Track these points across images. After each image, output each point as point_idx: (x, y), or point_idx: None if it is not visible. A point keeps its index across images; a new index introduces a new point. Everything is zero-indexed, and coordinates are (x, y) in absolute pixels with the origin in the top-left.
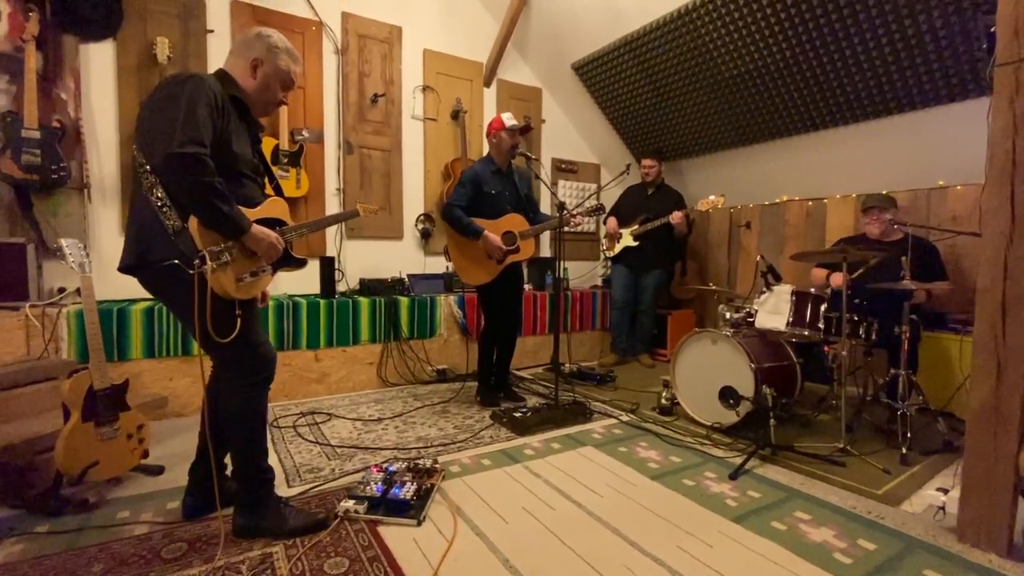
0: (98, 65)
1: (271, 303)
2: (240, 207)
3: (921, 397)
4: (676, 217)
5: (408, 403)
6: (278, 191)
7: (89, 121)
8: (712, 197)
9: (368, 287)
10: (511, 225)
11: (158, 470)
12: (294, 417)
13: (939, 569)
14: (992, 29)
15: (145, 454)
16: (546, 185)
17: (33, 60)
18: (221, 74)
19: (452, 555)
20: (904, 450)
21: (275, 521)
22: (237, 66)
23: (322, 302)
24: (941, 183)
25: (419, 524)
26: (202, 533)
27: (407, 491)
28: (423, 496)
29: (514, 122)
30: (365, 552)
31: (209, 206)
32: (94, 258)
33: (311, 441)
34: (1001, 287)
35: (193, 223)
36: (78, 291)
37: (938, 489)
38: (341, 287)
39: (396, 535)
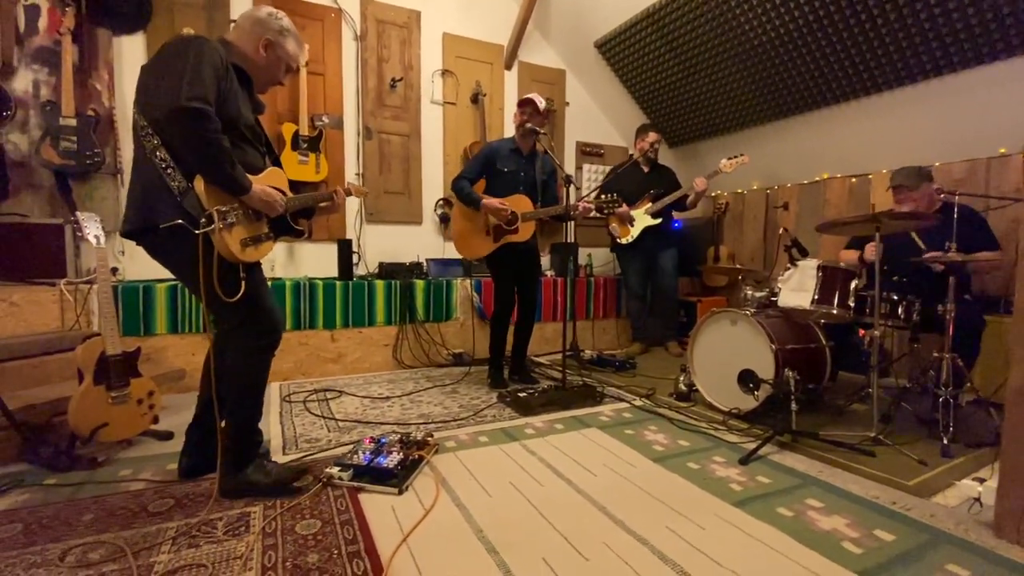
0: (130, 56)
1: (288, 283)
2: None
3: (969, 384)
4: (701, 183)
5: (419, 383)
6: (276, 164)
7: (122, 110)
8: (732, 159)
9: (386, 271)
10: (515, 205)
11: (167, 435)
12: (306, 393)
13: (966, 564)
14: None
15: (155, 419)
16: (554, 161)
17: (70, 53)
18: (224, 43)
19: (426, 524)
20: (945, 440)
21: (258, 475)
22: (243, 40)
23: (338, 284)
24: (1003, 151)
25: (400, 493)
26: (192, 491)
27: (391, 460)
28: (409, 467)
29: (524, 97)
30: (340, 516)
31: (214, 161)
32: (125, 240)
33: (316, 415)
34: None
35: (199, 184)
36: (113, 270)
37: (974, 479)
38: (360, 271)
39: (375, 502)
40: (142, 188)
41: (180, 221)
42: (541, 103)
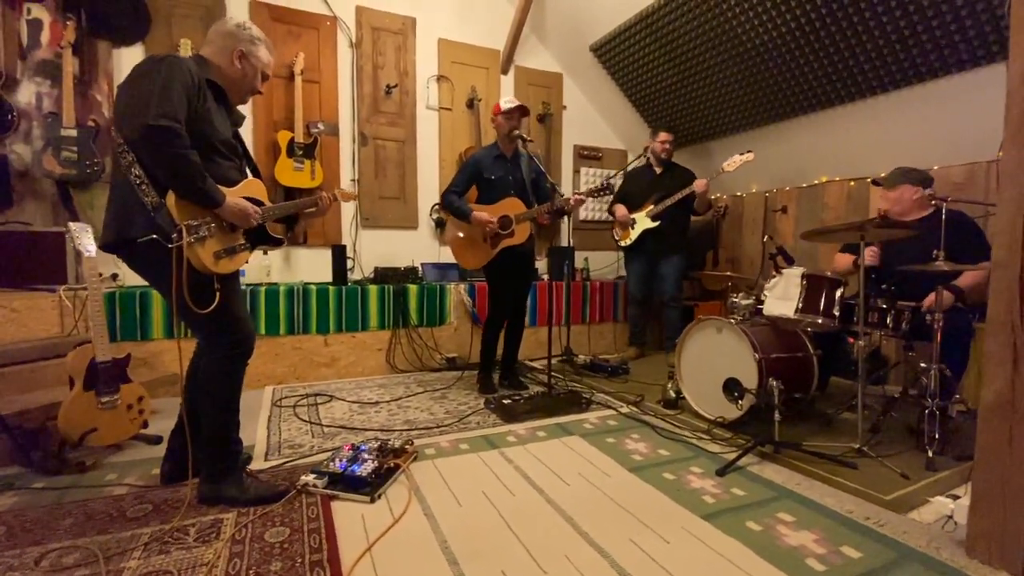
0: (129, 67)
1: (282, 288)
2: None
3: (958, 396)
4: (700, 185)
5: (410, 388)
6: (256, 174)
7: None
8: (736, 156)
9: (381, 275)
10: (508, 209)
11: (156, 439)
12: (297, 398)
13: None
14: None
15: (144, 424)
16: (539, 165)
17: (70, 65)
18: (199, 59)
19: (393, 533)
20: (930, 453)
21: (236, 490)
22: (217, 54)
23: (331, 288)
24: (1002, 154)
25: (372, 501)
26: (170, 497)
27: (365, 469)
28: (383, 475)
29: (509, 105)
30: (309, 524)
31: (183, 177)
32: None
33: (303, 420)
34: (1018, 262)
35: (171, 198)
36: (114, 276)
37: (948, 495)
38: (356, 275)
39: (346, 510)
40: (119, 203)
41: (154, 236)
42: (525, 108)
